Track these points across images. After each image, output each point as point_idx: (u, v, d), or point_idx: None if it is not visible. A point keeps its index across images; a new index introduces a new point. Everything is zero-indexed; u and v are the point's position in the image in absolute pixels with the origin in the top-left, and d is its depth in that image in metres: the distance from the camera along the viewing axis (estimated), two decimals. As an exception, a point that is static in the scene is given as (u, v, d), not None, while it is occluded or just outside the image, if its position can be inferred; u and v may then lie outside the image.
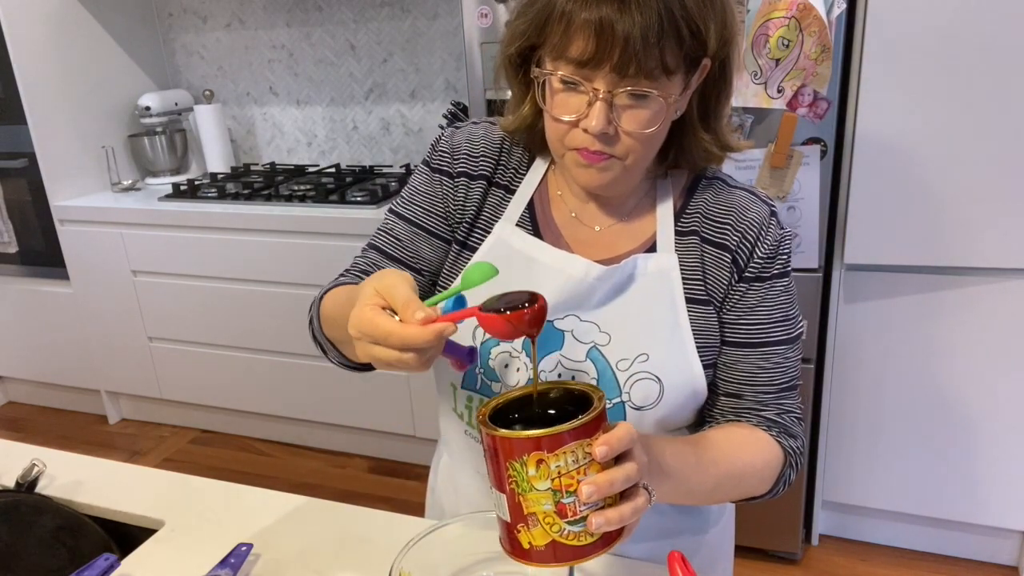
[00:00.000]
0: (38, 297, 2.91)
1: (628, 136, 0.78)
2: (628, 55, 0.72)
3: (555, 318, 0.86)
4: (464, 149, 0.93)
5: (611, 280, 0.86)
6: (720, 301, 0.87)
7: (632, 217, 0.90)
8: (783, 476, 0.88)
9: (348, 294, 0.83)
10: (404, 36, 2.69)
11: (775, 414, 0.89)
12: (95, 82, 2.79)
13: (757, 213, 0.87)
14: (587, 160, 0.80)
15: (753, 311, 0.87)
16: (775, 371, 0.88)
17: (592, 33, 0.72)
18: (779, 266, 0.87)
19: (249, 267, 2.49)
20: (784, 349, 0.88)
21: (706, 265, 0.87)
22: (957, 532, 2.03)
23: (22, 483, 1.04)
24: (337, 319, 0.83)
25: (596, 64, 0.74)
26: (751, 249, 0.86)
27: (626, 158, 0.80)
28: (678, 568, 0.72)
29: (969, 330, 1.81)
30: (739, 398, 0.89)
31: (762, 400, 0.89)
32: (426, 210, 0.95)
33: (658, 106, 0.77)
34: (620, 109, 0.77)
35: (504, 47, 0.84)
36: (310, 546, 0.95)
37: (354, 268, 0.99)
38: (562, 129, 0.80)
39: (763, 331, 0.87)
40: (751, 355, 0.88)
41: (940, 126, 1.67)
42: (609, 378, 0.85)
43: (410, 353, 0.65)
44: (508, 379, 0.88)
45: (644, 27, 0.71)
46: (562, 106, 0.79)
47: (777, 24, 1.59)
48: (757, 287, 0.87)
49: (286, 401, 2.67)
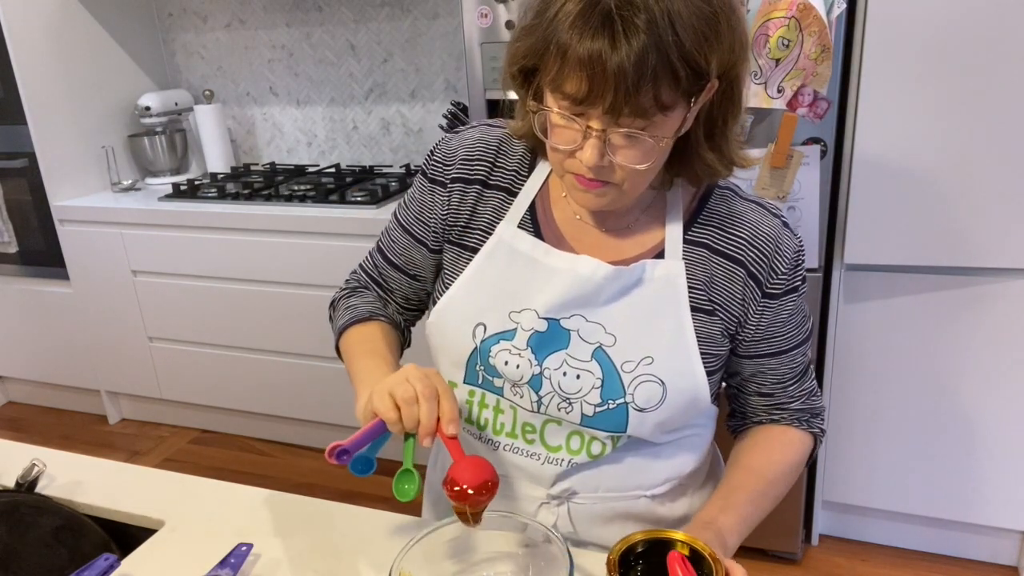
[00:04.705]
0: (38, 297, 2.91)
1: (622, 169, 0.79)
2: (619, 98, 0.71)
3: (562, 317, 0.87)
4: (460, 155, 0.95)
5: (619, 281, 0.86)
6: (731, 314, 0.89)
7: (640, 222, 0.91)
8: (812, 456, 0.99)
9: (373, 346, 0.96)
10: (404, 36, 2.69)
11: (802, 403, 0.97)
12: (95, 82, 2.79)
13: (771, 227, 0.89)
14: (583, 186, 0.82)
15: (787, 323, 0.92)
16: (797, 366, 0.95)
17: (585, 73, 0.71)
18: (800, 276, 0.91)
19: (249, 267, 2.49)
20: (805, 347, 0.95)
21: (714, 276, 0.88)
22: (957, 532, 2.03)
23: (22, 483, 1.04)
24: (350, 370, 0.97)
25: (590, 103, 0.73)
26: (769, 265, 0.88)
27: (623, 184, 0.81)
28: (678, 568, 0.72)
29: (969, 330, 1.81)
30: (771, 396, 0.96)
31: (790, 393, 0.96)
32: (418, 218, 0.98)
33: (651, 144, 0.77)
34: (614, 146, 0.77)
35: (507, 66, 0.85)
36: (310, 546, 0.95)
37: (364, 269, 1.07)
38: (560, 156, 0.81)
39: (792, 338, 0.93)
40: (784, 361, 0.93)
41: (940, 126, 1.66)
42: (614, 379, 0.86)
43: (406, 420, 0.78)
44: (509, 375, 0.88)
45: (635, 70, 0.69)
46: (559, 137, 0.80)
47: (777, 24, 1.59)
48: (786, 300, 0.90)
49: (286, 401, 2.66)
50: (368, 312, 1.00)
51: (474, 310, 0.91)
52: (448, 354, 0.94)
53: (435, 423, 0.78)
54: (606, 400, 0.86)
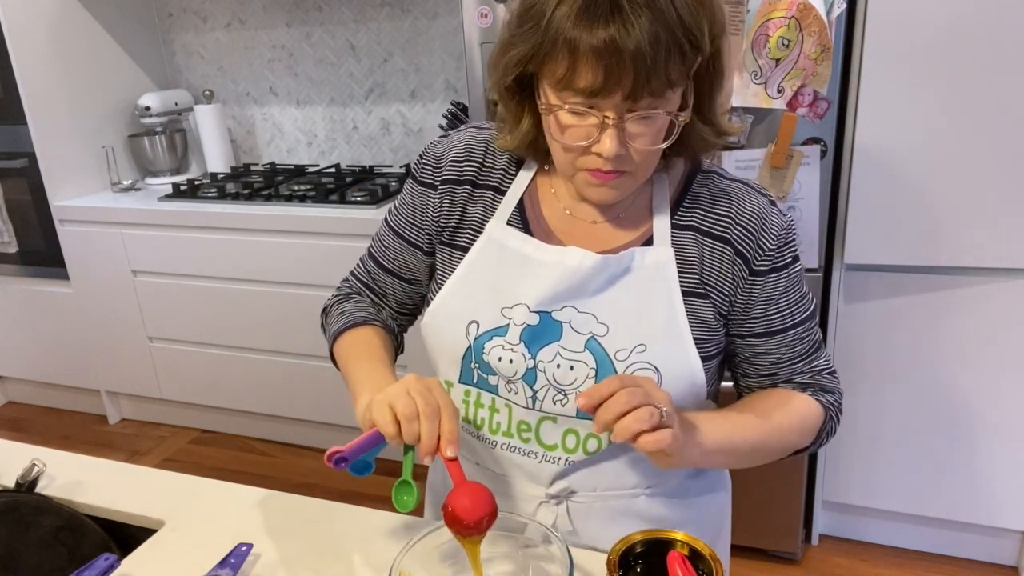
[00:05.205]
0: (38, 297, 2.91)
1: (639, 153, 0.80)
2: (640, 81, 0.73)
3: (553, 309, 0.88)
4: (449, 157, 0.96)
5: (607, 270, 0.87)
6: (723, 295, 0.89)
7: (628, 212, 0.92)
8: (825, 428, 0.94)
9: (369, 349, 0.96)
10: (404, 36, 2.69)
11: (809, 377, 0.94)
12: (95, 82, 2.79)
13: (756, 204, 0.89)
14: (600, 180, 0.83)
15: (777, 301, 0.90)
16: (802, 345, 0.93)
17: (600, 64, 0.72)
18: (791, 253, 0.90)
19: (249, 267, 2.49)
20: (806, 326, 0.92)
21: (704, 258, 0.89)
22: (957, 532, 2.03)
23: (22, 483, 1.04)
24: (346, 375, 0.96)
25: (606, 93, 0.75)
26: (756, 242, 0.88)
27: (637, 171, 0.83)
28: (678, 568, 0.72)
29: (969, 330, 1.81)
30: (775, 375, 0.94)
31: (795, 369, 0.94)
32: (411, 222, 0.99)
33: (665, 121, 0.79)
34: (631, 132, 0.78)
35: (499, 77, 0.84)
36: (310, 546, 0.95)
37: (356, 276, 1.07)
38: (572, 156, 0.82)
39: (787, 316, 0.91)
40: (780, 341, 0.92)
41: (940, 126, 1.66)
42: (608, 368, 0.87)
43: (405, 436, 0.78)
44: (503, 372, 0.89)
45: (652, 48, 0.71)
46: (572, 135, 0.80)
47: (777, 24, 1.59)
48: (775, 278, 0.89)
49: (286, 401, 2.67)
50: (362, 317, 1.01)
51: (467, 308, 0.91)
52: (444, 353, 0.94)
53: (436, 443, 0.78)
54: None
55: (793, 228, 0.91)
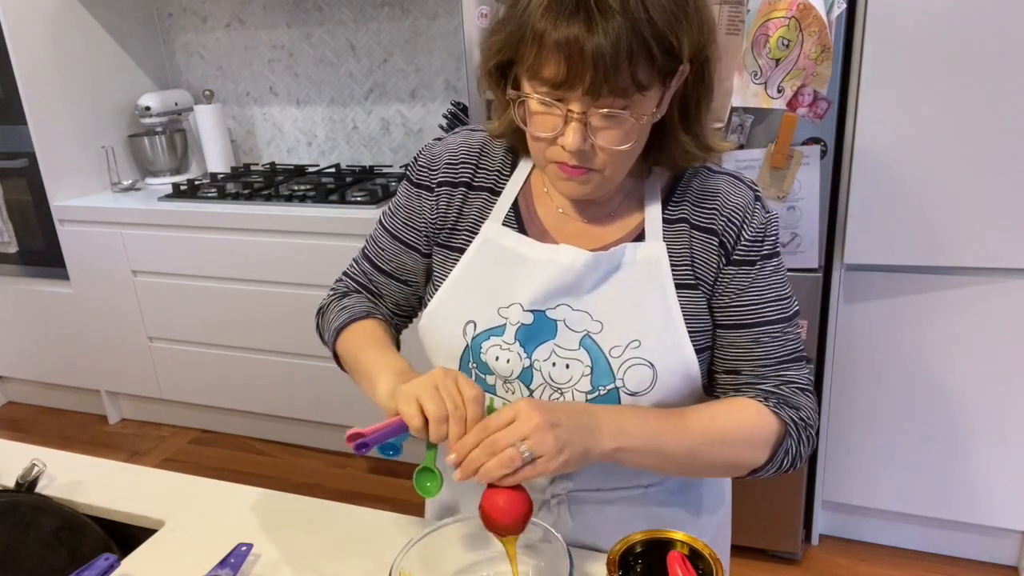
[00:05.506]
0: (38, 297, 2.91)
1: (604, 151, 0.80)
2: (599, 78, 0.73)
3: (547, 308, 0.88)
4: (444, 159, 0.97)
5: (599, 268, 0.88)
6: (710, 285, 0.89)
7: (620, 209, 0.92)
8: (783, 445, 0.88)
9: (378, 338, 0.95)
10: (404, 36, 2.69)
11: (773, 386, 0.89)
12: (95, 82, 2.79)
13: (741, 197, 0.89)
14: (566, 174, 0.83)
15: (744, 293, 0.89)
16: (772, 346, 0.90)
17: (563, 56, 0.73)
18: (768, 248, 0.89)
19: (249, 267, 2.49)
20: (780, 327, 0.90)
21: (695, 250, 0.89)
22: (957, 532, 2.03)
23: (22, 483, 1.04)
24: (357, 362, 0.94)
25: (569, 86, 0.75)
26: (737, 232, 0.88)
27: (604, 170, 0.82)
28: (678, 568, 0.72)
29: (969, 330, 1.81)
30: (737, 374, 0.91)
31: (760, 373, 0.90)
32: (407, 224, 0.99)
33: (632, 124, 0.79)
34: (595, 128, 0.79)
35: (483, 62, 0.86)
36: (310, 546, 0.95)
37: (351, 276, 1.06)
38: (542, 145, 0.83)
39: (756, 312, 0.89)
40: (745, 335, 0.89)
41: (940, 126, 1.66)
42: (603, 365, 0.87)
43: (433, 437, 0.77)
44: (500, 371, 0.89)
45: (613, 49, 0.72)
46: (539, 124, 0.81)
47: (777, 24, 1.59)
48: (747, 270, 0.89)
49: (286, 401, 2.67)
50: (365, 311, 1.01)
51: (464, 308, 0.92)
52: (442, 354, 0.94)
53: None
54: (596, 387, 0.87)
55: (775, 224, 0.91)
